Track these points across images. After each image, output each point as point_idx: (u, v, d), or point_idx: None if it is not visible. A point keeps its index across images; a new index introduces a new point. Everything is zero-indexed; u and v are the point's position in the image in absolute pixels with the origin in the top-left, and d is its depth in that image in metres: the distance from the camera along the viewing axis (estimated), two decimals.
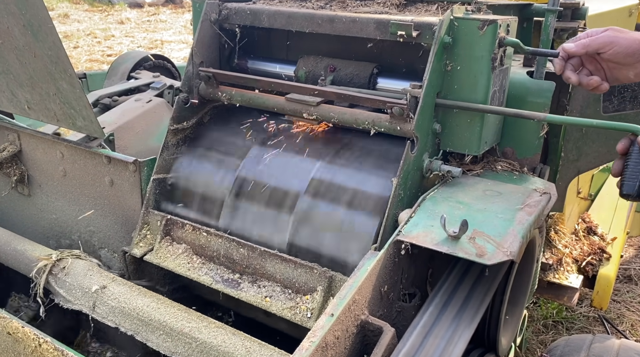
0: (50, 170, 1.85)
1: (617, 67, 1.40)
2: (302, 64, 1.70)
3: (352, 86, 1.60)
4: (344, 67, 1.64)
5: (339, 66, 1.65)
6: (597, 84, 1.40)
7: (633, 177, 1.23)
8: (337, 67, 1.64)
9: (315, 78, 1.65)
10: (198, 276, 1.53)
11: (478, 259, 1.14)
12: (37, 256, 1.58)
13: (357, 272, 1.20)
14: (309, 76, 1.68)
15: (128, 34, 9.55)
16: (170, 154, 1.70)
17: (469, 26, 1.38)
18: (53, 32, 1.44)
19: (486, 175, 1.52)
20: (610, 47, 1.36)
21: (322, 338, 1.04)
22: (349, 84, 1.61)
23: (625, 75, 1.41)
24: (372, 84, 1.61)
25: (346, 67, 1.64)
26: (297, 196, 1.49)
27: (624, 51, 1.36)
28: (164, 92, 2.59)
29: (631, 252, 3.55)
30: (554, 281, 2.10)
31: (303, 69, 1.70)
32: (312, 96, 1.52)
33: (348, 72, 1.63)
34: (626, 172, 1.25)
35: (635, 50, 1.36)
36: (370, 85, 1.60)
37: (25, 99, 1.74)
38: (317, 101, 1.51)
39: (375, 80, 1.62)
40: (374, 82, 1.61)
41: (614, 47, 1.35)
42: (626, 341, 1.66)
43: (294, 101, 1.54)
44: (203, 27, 1.68)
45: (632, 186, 1.23)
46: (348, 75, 1.63)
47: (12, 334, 1.35)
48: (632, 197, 1.24)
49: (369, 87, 1.60)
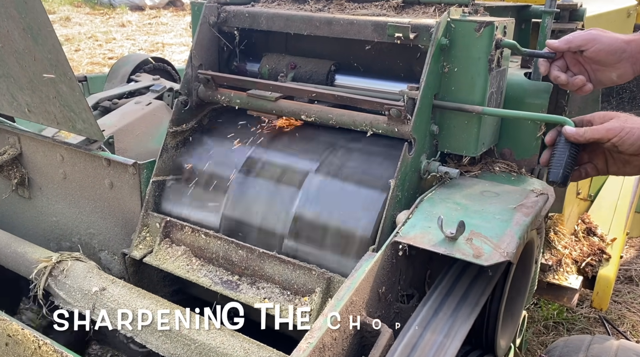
0: (51, 173, 1.86)
1: (601, 69, 1.42)
2: (266, 62, 1.76)
3: (311, 82, 1.68)
4: (304, 64, 1.71)
5: (299, 63, 1.71)
6: (581, 84, 1.42)
7: (558, 165, 1.32)
8: (297, 65, 1.71)
9: (277, 75, 1.72)
10: (197, 277, 1.53)
11: (475, 260, 1.14)
12: (37, 258, 1.59)
13: (354, 274, 1.20)
14: (271, 73, 1.75)
15: (129, 37, 9.58)
16: (170, 156, 1.71)
17: (465, 28, 1.39)
18: (53, 35, 1.45)
19: (484, 177, 1.52)
20: (592, 44, 1.38)
21: (319, 339, 1.05)
22: (308, 80, 1.69)
23: (609, 77, 1.43)
24: (330, 80, 1.68)
25: (306, 64, 1.71)
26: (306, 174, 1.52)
27: (606, 48, 1.38)
28: (164, 94, 2.60)
29: (632, 253, 3.55)
30: (554, 282, 2.10)
31: (266, 66, 1.76)
32: (271, 92, 1.60)
33: (307, 69, 1.70)
34: (552, 160, 1.34)
35: (616, 49, 1.39)
36: (328, 81, 1.67)
37: (26, 102, 1.75)
38: (276, 96, 1.59)
39: (333, 77, 1.68)
40: (331, 78, 1.68)
41: (596, 44, 1.38)
42: (625, 342, 1.67)
43: (255, 97, 1.62)
44: (202, 30, 1.69)
45: (556, 173, 1.32)
46: (307, 72, 1.70)
47: (12, 336, 1.35)
48: (557, 183, 1.32)
49: (327, 84, 1.67)
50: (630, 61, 1.41)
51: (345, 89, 1.62)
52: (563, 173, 1.31)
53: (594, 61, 1.41)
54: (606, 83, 1.47)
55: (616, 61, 1.41)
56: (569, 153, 1.32)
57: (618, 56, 1.40)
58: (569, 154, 1.32)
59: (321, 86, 1.64)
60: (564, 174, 1.31)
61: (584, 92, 1.45)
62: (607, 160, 1.39)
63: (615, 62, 1.41)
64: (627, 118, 1.30)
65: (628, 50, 1.40)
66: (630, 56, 1.41)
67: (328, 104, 1.57)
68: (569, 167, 1.32)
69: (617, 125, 1.28)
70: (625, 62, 1.42)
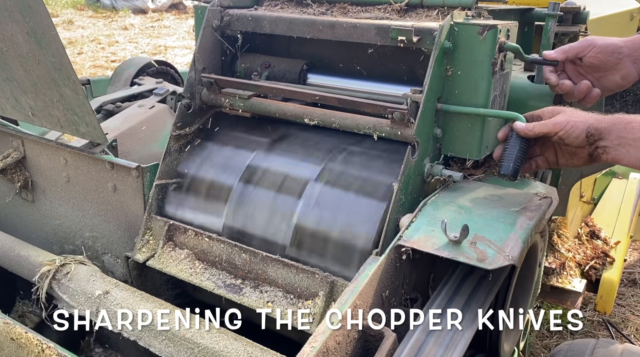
0: (54, 176, 1.87)
1: (603, 75, 1.43)
2: (241, 61, 1.79)
3: (284, 81, 1.71)
4: (277, 63, 1.74)
5: (273, 63, 1.74)
6: (587, 88, 1.42)
7: (509, 159, 1.36)
8: (271, 64, 1.74)
9: (252, 73, 1.75)
10: (200, 281, 1.53)
11: (479, 264, 1.14)
12: (40, 261, 1.59)
13: (358, 277, 1.20)
14: (247, 72, 1.78)
15: (132, 40, 9.60)
16: (173, 159, 1.71)
17: (469, 31, 1.39)
18: (56, 39, 1.46)
19: (487, 180, 1.52)
20: (589, 49, 1.40)
21: (323, 343, 1.05)
22: (281, 79, 1.72)
23: (613, 81, 1.44)
24: (303, 79, 1.71)
25: (280, 63, 1.74)
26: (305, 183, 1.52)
27: (603, 50, 1.40)
28: (167, 98, 2.60)
29: (635, 256, 3.54)
30: (557, 285, 2.10)
31: (242, 65, 1.78)
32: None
33: (281, 68, 1.73)
34: (504, 155, 1.38)
35: (613, 49, 1.40)
36: (301, 80, 1.70)
37: (29, 106, 1.75)
38: (249, 94, 1.62)
39: (305, 75, 1.71)
40: (304, 77, 1.71)
41: (592, 49, 1.40)
42: (629, 346, 1.66)
43: (230, 95, 1.66)
44: (205, 33, 1.69)
45: (507, 166, 1.36)
46: (281, 71, 1.73)
47: (16, 339, 1.35)
48: (508, 176, 1.36)
49: (299, 82, 1.70)
50: (631, 60, 1.42)
51: (320, 89, 1.64)
52: (513, 166, 1.36)
53: (595, 67, 1.42)
54: (612, 87, 1.47)
55: (616, 62, 1.42)
56: (519, 147, 1.36)
57: (616, 56, 1.41)
58: (519, 148, 1.36)
59: (324, 89, 1.64)
60: (514, 168, 1.36)
61: (592, 99, 1.45)
62: (557, 152, 1.42)
63: (616, 63, 1.42)
64: (572, 112, 1.33)
65: (626, 50, 1.41)
66: (630, 55, 1.42)
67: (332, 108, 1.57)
68: (519, 160, 1.36)
69: (562, 120, 1.31)
70: (625, 62, 1.42)
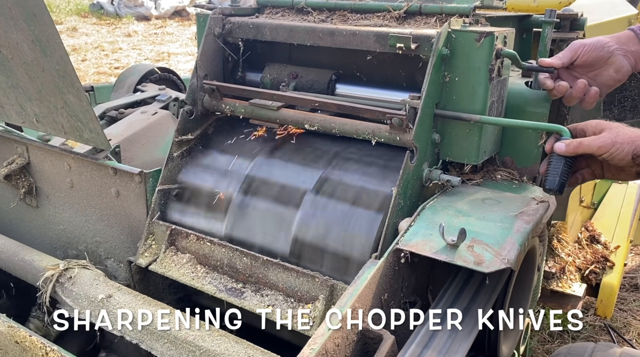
0: (58, 182, 1.89)
1: (597, 73, 1.46)
2: (268, 72, 1.79)
3: (312, 92, 1.71)
4: (305, 74, 1.73)
5: (301, 73, 1.73)
6: (583, 86, 1.45)
7: (554, 173, 1.36)
8: (299, 74, 1.73)
9: (279, 84, 1.74)
10: (202, 285, 1.55)
11: (476, 267, 1.16)
12: (44, 266, 1.61)
13: (357, 281, 1.22)
14: (274, 82, 1.77)
15: (135, 47, 9.66)
16: (175, 165, 1.73)
17: (466, 38, 1.41)
18: (61, 47, 1.48)
19: (485, 185, 1.54)
20: (580, 50, 1.46)
21: (322, 345, 1.06)
22: (309, 89, 1.71)
23: (608, 76, 1.47)
24: (331, 89, 1.70)
25: (307, 74, 1.73)
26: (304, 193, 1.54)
27: (592, 47, 1.45)
28: (170, 104, 2.63)
29: (636, 260, 3.54)
30: (557, 290, 2.10)
31: (268, 76, 1.78)
32: (274, 101, 1.62)
33: (309, 78, 1.72)
34: (549, 169, 1.37)
35: (602, 44, 1.45)
36: (329, 90, 1.70)
37: (34, 113, 1.78)
38: (278, 106, 1.61)
39: (334, 86, 1.70)
40: (332, 87, 1.70)
41: (583, 48, 1.45)
42: (628, 349, 1.66)
43: (258, 106, 1.64)
44: (207, 41, 1.72)
45: (553, 181, 1.36)
46: (309, 81, 1.72)
47: (20, 342, 1.37)
48: (553, 191, 1.36)
49: (327, 93, 1.69)
50: (621, 53, 1.46)
51: (347, 99, 1.64)
52: (559, 181, 1.35)
53: (588, 65, 1.45)
54: (608, 83, 1.50)
55: (607, 55, 1.45)
56: (564, 161, 1.36)
57: (607, 49, 1.45)
58: (564, 162, 1.36)
59: (323, 96, 1.66)
60: (560, 182, 1.35)
61: (591, 98, 1.47)
62: (604, 166, 1.42)
63: (607, 57, 1.45)
64: (618, 131, 1.33)
65: (614, 44, 1.45)
66: (619, 48, 1.46)
67: (330, 113, 1.59)
68: (565, 175, 1.36)
69: (608, 142, 1.31)
70: (616, 55, 1.46)
